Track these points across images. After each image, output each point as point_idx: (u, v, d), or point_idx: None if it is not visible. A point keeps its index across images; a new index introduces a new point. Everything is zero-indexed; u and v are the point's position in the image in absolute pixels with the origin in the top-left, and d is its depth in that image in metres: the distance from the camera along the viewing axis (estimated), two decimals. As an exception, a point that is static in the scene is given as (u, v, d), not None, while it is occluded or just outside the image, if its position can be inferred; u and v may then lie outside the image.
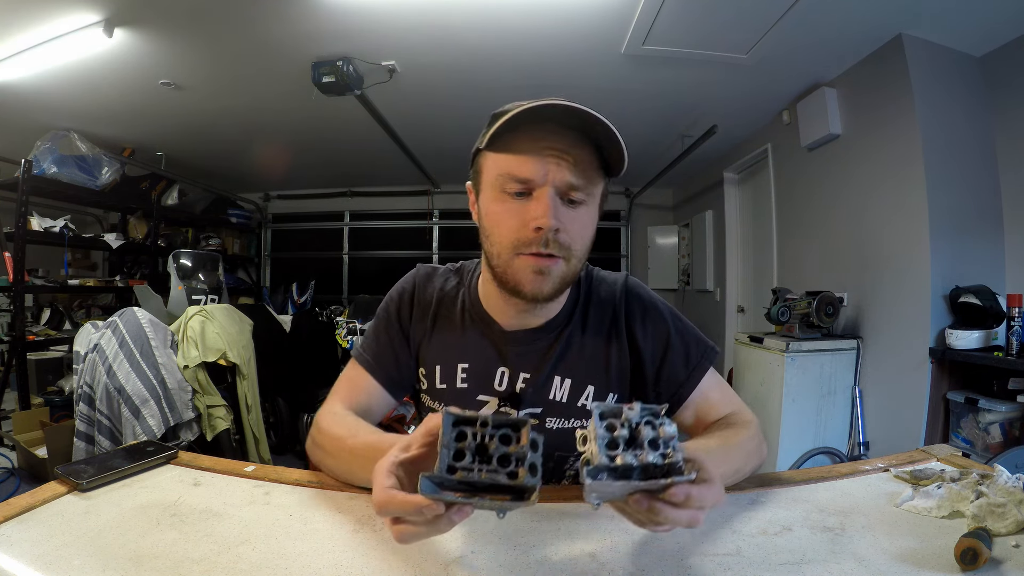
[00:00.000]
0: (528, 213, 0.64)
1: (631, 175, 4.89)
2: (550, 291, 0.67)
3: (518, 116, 0.61)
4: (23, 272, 2.91)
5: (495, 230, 0.67)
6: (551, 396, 0.75)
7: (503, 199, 0.66)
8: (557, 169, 0.63)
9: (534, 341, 0.76)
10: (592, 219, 0.69)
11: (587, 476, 0.39)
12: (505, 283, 0.68)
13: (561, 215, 0.64)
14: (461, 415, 0.43)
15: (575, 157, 0.64)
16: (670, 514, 0.41)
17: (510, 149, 0.64)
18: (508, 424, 0.43)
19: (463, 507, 0.40)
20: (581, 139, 0.64)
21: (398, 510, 0.41)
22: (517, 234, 0.65)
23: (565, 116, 0.62)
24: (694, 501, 0.41)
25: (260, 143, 3.98)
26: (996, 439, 1.96)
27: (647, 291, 0.81)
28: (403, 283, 0.84)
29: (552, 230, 0.63)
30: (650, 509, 0.41)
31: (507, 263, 0.67)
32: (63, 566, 0.47)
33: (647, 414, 0.42)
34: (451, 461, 0.41)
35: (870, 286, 2.56)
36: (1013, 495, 0.54)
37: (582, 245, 0.67)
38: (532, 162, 0.63)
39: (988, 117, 2.30)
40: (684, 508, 0.41)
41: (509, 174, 0.64)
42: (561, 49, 2.45)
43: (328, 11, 2.13)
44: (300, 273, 5.42)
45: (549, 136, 0.63)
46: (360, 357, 0.81)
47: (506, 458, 0.41)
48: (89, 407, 2.16)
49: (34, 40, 2.26)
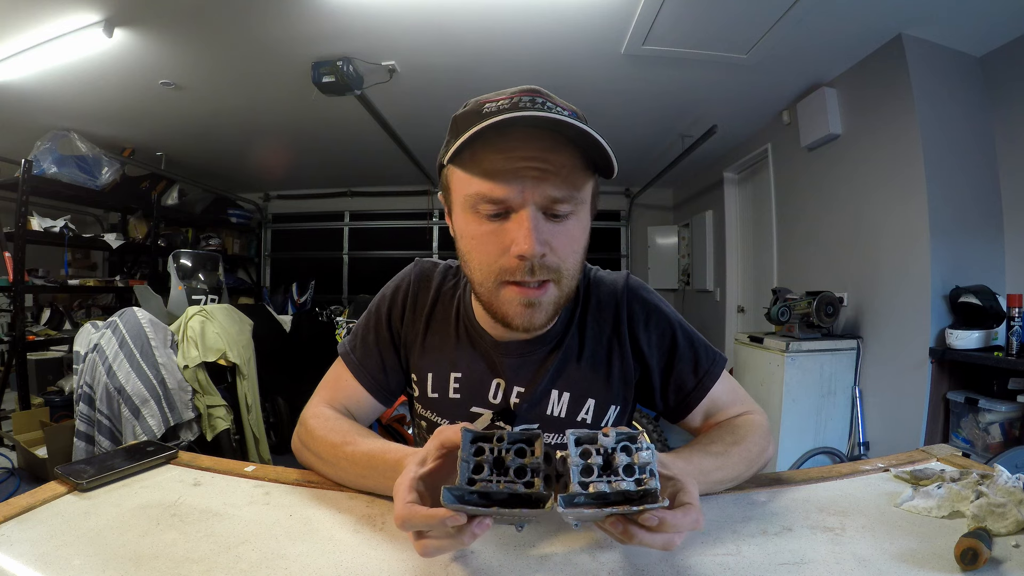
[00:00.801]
0: (508, 237, 0.56)
1: (631, 175, 4.90)
2: (543, 321, 0.61)
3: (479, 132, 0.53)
4: (23, 272, 2.91)
5: (473, 256, 0.60)
6: (549, 411, 0.71)
7: (478, 221, 0.58)
8: (535, 184, 0.55)
9: (529, 353, 0.71)
10: (582, 228, 0.61)
11: (561, 503, 0.41)
12: (493, 314, 0.62)
13: (546, 234, 0.56)
14: (479, 433, 0.45)
15: (555, 164, 0.55)
16: (644, 538, 0.42)
17: (479, 167, 0.56)
18: (523, 439, 0.45)
19: (483, 520, 0.41)
20: (558, 140, 0.55)
21: (422, 523, 0.41)
22: (498, 261, 0.58)
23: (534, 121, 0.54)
24: (668, 527, 0.41)
25: (260, 143, 3.98)
26: (996, 439, 1.96)
27: (650, 292, 0.76)
28: (399, 280, 0.79)
29: (537, 256, 0.56)
30: (624, 532, 0.42)
31: (491, 293, 0.60)
32: (63, 566, 0.47)
33: (623, 439, 0.43)
34: (471, 475, 0.43)
35: (870, 286, 2.56)
36: (1013, 495, 0.54)
37: (574, 261, 0.60)
38: (505, 180, 0.55)
39: (988, 117, 2.30)
40: (658, 532, 0.41)
41: (480, 195, 0.56)
42: (561, 49, 2.45)
43: (328, 11, 2.13)
44: (300, 273, 5.42)
45: (521, 145, 0.54)
46: (347, 357, 0.77)
47: (522, 470, 0.43)
48: (89, 407, 2.16)
49: (34, 40, 2.26)
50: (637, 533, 0.42)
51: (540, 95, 0.58)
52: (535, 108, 0.55)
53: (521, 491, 0.41)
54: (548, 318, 0.62)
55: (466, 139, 0.53)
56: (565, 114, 0.55)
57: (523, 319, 0.60)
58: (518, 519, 0.43)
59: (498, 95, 0.58)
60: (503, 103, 0.56)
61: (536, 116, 0.53)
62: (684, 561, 0.49)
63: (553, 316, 0.63)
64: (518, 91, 0.58)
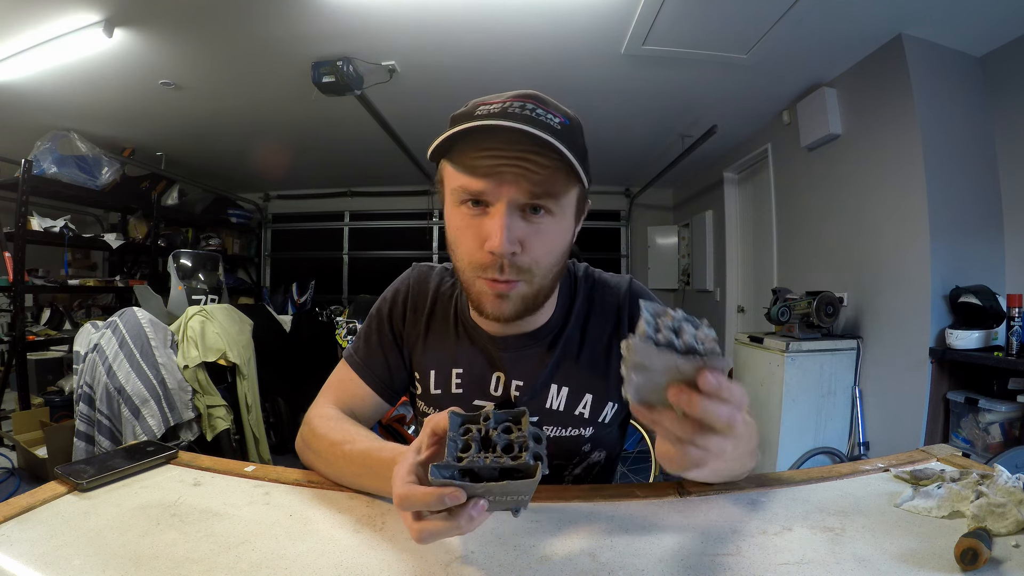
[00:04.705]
0: (484, 231, 0.60)
1: (631, 175, 4.90)
2: (511, 313, 0.64)
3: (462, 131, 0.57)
4: (23, 272, 2.91)
5: (456, 246, 0.64)
6: (548, 405, 0.74)
7: (462, 214, 0.62)
8: (513, 181, 0.58)
9: (526, 347, 0.74)
10: (561, 231, 0.63)
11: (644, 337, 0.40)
12: (470, 300, 0.67)
13: (520, 233, 0.59)
14: (466, 415, 0.47)
15: (536, 164, 0.58)
16: (709, 408, 0.40)
17: (463, 163, 0.60)
18: (509, 418, 0.46)
19: (478, 502, 0.42)
20: (541, 145, 0.57)
21: (421, 502, 0.42)
22: (474, 255, 0.61)
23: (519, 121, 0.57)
24: (725, 391, 0.40)
25: (260, 143, 3.98)
26: (996, 439, 1.96)
27: (651, 297, 0.78)
28: (397, 284, 0.82)
29: (508, 254, 0.59)
30: (689, 402, 0.40)
31: (470, 282, 0.64)
32: (63, 566, 0.47)
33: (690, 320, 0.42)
34: (459, 452, 0.44)
35: (870, 286, 2.56)
36: (1013, 495, 0.54)
37: (548, 262, 0.63)
38: (484, 175, 0.58)
39: (988, 117, 2.30)
40: (720, 401, 0.40)
41: (462, 188, 0.60)
42: (561, 49, 2.45)
43: (328, 11, 2.13)
44: (300, 273, 5.42)
45: (506, 146, 0.58)
46: (351, 358, 0.80)
47: (509, 446, 0.44)
48: (89, 407, 2.16)
49: (34, 40, 2.26)
50: (701, 402, 0.40)
51: (532, 100, 0.60)
52: (524, 114, 0.58)
53: (508, 464, 0.42)
54: (516, 311, 0.65)
55: (452, 135, 0.58)
56: (555, 121, 0.59)
57: (494, 308, 0.64)
58: (512, 499, 0.43)
59: (494, 98, 0.61)
60: (495, 107, 0.59)
61: (508, 126, 0.56)
62: (684, 561, 0.49)
63: (524, 310, 0.65)
64: (513, 96, 0.60)
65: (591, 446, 0.75)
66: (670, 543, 0.52)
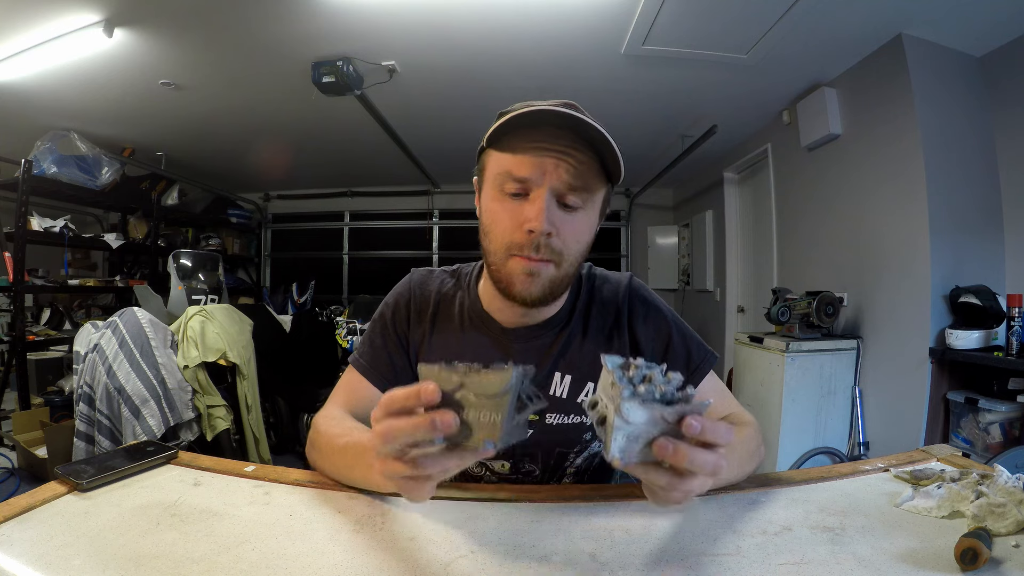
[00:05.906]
0: (523, 214, 0.65)
1: (631, 175, 4.90)
2: (539, 294, 0.68)
3: (515, 119, 0.63)
4: (23, 272, 2.91)
5: (492, 228, 0.68)
6: (551, 392, 0.76)
7: (501, 198, 0.67)
8: (555, 171, 0.64)
9: (535, 338, 0.77)
10: (589, 225, 0.69)
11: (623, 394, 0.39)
12: (498, 282, 0.70)
13: (556, 219, 0.65)
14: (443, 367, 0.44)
15: (575, 159, 0.64)
16: (696, 458, 0.40)
17: (510, 148, 0.65)
18: None
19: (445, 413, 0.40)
20: (580, 142, 0.64)
21: (400, 403, 0.42)
22: (511, 235, 0.66)
23: (560, 119, 0.63)
24: (710, 434, 0.40)
25: (260, 143, 3.98)
26: (996, 439, 1.96)
27: (650, 292, 0.83)
28: (399, 289, 0.84)
29: (544, 234, 0.64)
30: (675, 455, 0.40)
31: (501, 263, 0.68)
32: (63, 566, 0.47)
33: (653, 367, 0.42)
34: None
35: (870, 286, 2.56)
36: (1013, 495, 0.54)
37: (576, 250, 0.68)
38: (530, 162, 0.64)
39: (988, 117, 2.30)
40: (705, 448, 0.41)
41: (507, 173, 0.65)
42: (561, 49, 2.45)
43: (328, 11, 2.13)
44: (300, 273, 5.42)
45: (550, 139, 0.64)
46: (356, 363, 0.81)
47: None
48: (89, 407, 2.16)
49: (34, 40, 2.26)
50: (688, 451, 0.40)
51: (574, 108, 0.66)
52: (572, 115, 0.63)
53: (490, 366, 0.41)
54: (543, 292, 0.68)
55: (503, 124, 0.64)
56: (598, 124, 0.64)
57: (523, 286, 0.67)
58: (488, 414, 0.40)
59: (540, 103, 0.66)
60: (544, 107, 0.64)
61: (560, 111, 0.61)
62: (684, 561, 0.49)
63: (548, 292, 0.69)
64: (557, 102, 0.66)
65: (592, 435, 0.77)
66: (670, 543, 0.52)
